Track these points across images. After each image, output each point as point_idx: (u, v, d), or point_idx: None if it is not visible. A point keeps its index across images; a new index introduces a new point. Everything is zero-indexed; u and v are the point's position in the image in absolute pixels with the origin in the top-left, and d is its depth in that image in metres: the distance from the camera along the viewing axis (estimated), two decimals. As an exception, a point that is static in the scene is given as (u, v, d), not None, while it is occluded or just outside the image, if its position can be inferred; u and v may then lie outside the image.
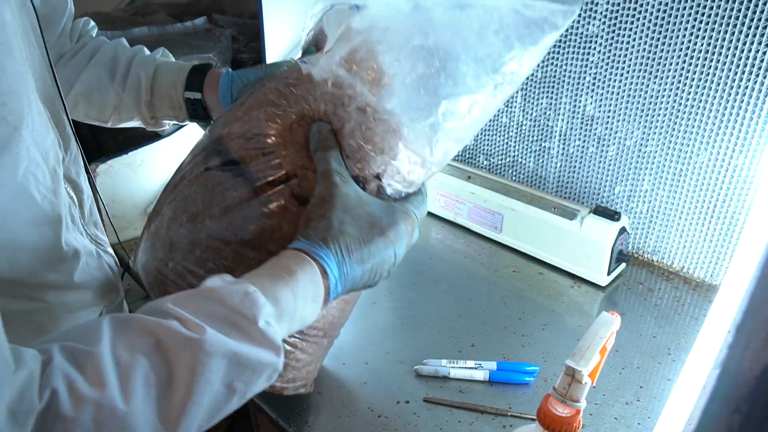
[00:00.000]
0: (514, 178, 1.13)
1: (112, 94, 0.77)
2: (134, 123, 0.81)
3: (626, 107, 0.92)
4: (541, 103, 1.02)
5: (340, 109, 0.58)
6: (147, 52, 0.80)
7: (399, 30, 0.55)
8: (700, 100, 0.84)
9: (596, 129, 0.97)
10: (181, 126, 1.05)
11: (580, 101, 0.97)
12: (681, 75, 0.84)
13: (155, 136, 1.06)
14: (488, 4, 0.55)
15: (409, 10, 0.55)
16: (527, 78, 1.02)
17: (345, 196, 0.54)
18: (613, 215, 0.90)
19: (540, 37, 0.56)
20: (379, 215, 0.55)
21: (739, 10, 0.76)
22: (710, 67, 0.81)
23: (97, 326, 0.40)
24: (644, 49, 0.87)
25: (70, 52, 0.77)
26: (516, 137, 1.09)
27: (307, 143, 0.59)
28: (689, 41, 0.82)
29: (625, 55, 0.89)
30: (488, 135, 1.13)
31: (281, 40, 1.14)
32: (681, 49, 0.83)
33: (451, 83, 0.55)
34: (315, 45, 0.67)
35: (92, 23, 0.82)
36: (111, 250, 0.71)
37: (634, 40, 0.87)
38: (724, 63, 0.80)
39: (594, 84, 0.94)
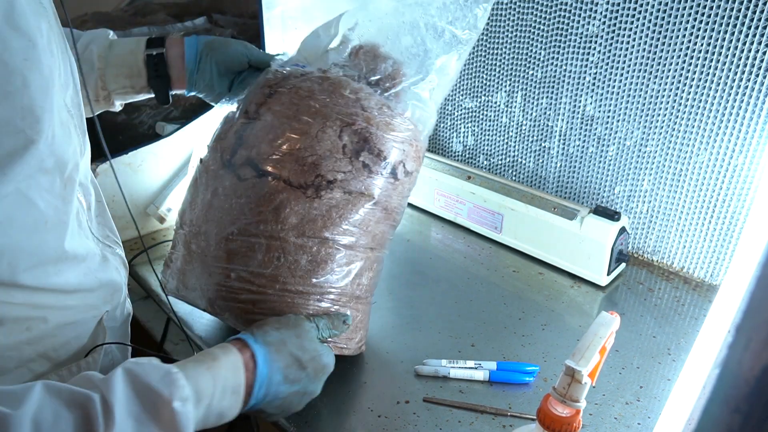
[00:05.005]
0: (514, 178, 1.13)
1: None
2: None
3: (626, 107, 0.92)
4: (541, 103, 1.02)
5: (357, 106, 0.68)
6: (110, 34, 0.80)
7: (380, 19, 0.72)
8: (700, 100, 0.84)
9: (596, 129, 0.97)
10: (181, 126, 1.05)
11: (580, 101, 0.97)
12: (681, 75, 0.84)
13: (155, 136, 1.06)
14: None
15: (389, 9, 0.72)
16: (527, 78, 1.02)
17: (305, 330, 0.62)
18: (613, 215, 0.90)
19: None
20: (321, 357, 0.62)
21: (739, 10, 0.76)
22: (710, 67, 0.81)
23: (25, 391, 0.43)
24: (644, 49, 0.87)
25: None
26: (516, 137, 1.09)
27: (336, 143, 0.67)
28: (689, 41, 0.82)
29: (625, 55, 0.89)
30: (488, 135, 1.13)
31: (281, 40, 1.14)
32: (681, 49, 0.83)
33: (433, 46, 0.71)
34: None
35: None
36: (121, 251, 0.71)
37: (634, 40, 0.87)
38: (724, 63, 0.80)
39: (594, 84, 0.94)
